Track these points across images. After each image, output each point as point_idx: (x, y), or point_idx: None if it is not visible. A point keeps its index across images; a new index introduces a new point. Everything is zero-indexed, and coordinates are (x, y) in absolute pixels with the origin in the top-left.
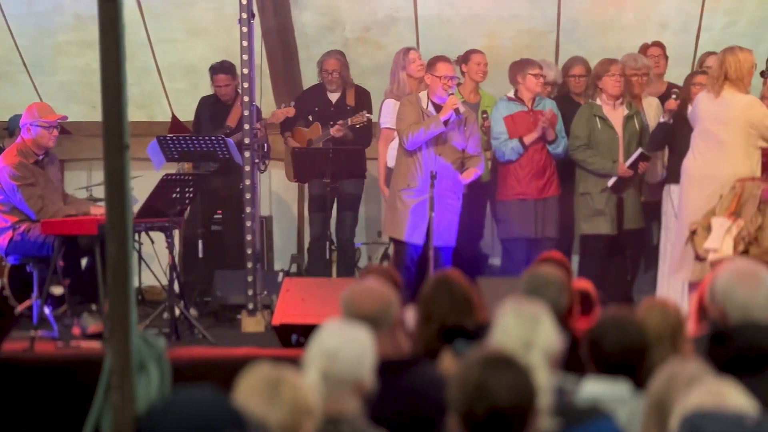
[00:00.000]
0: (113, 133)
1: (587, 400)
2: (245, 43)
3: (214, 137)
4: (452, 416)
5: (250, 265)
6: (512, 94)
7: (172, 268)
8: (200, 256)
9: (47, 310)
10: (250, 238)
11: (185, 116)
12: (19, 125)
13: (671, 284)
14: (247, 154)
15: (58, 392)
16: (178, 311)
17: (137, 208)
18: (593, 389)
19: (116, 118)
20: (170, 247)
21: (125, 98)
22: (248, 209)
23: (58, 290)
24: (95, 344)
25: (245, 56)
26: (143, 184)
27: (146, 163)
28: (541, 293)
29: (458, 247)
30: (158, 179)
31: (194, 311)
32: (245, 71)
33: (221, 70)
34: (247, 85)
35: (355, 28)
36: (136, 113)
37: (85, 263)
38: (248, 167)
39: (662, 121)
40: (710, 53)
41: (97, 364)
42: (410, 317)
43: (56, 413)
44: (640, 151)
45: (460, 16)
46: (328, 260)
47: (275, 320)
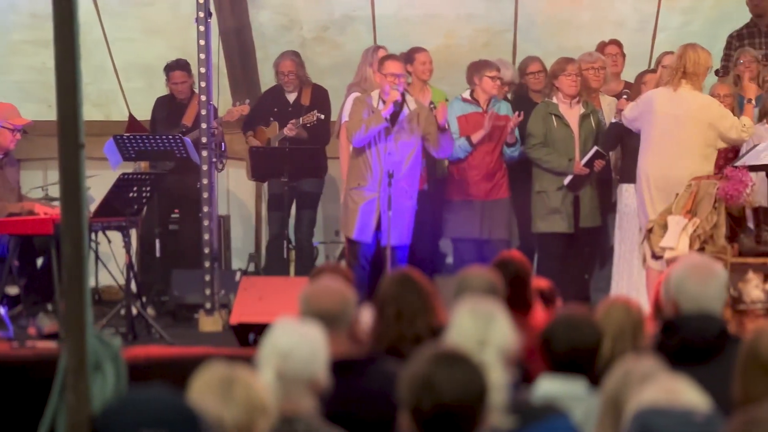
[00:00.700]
0: (68, 132)
1: (543, 398)
2: (202, 42)
3: (171, 136)
4: (402, 412)
5: (207, 264)
6: (467, 94)
7: (129, 267)
8: (157, 255)
9: (2, 310)
10: (207, 237)
11: (142, 115)
12: None
13: (624, 282)
14: (204, 153)
15: (13, 392)
16: (135, 311)
17: (94, 207)
18: (549, 387)
19: (71, 117)
20: (127, 246)
21: (80, 97)
22: (205, 208)
23: (13, 290)
24: (51, 344)
25: (202, 55)
26: (100, 183)
27: (103, 162)
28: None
29: (417, 245)
30: (115, 179)
31: (151, 311)
32: (202, 70)
33: (177, 67)
34: (204, 84)
35: (312, 27)
36: (92, 112)
37: (40, 263)
38: (205, 166)
39: (614, 120)
40: (667, 53)
41: (52, 364)
42: (367, 316)
43: (11, 413)
44: (595, 149)
45: (417, 15)
46: (285, 259)
47: (233, 319)
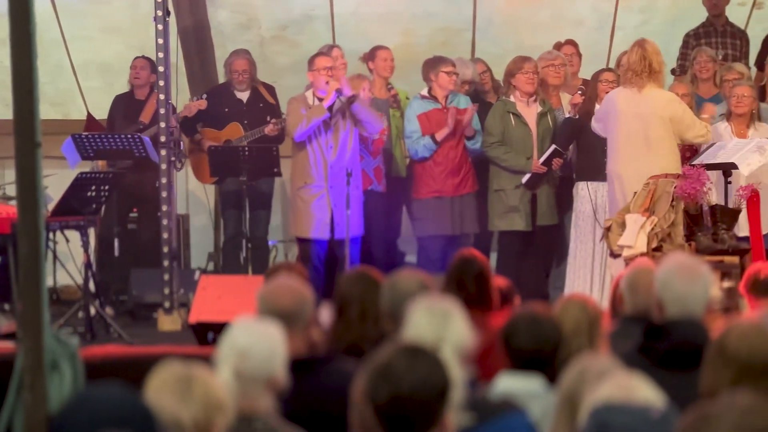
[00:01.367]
0: (25, 131)
1: (500, 395)
2: (161, 40)
3: (130, 135)
4: (357, 405)
5: (166, 263)
6: (426, 92)
7: (87, 266)
8: (116, 254)
9: None
10: (166, 236)
11: (101, 114)
12: None
13: (580, 280)
14: (163, 152)
15: None
16: (93, 310)
17: (52, 206)
18: (507, 384)
19: (28, 116)
20: (85, 245)
21: (37, 96)
22: (164, 207)
23: None
24: (8, 344)
25: (161, 54)
26: (58, 182)
27: (61, 161)
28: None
29: (375, 245)
30: (73, 178)
31: (110, 310)
32: (161, 69)
33: (142, 57)
34: (162, 83)
35: (271, 26)
36: (50, 111)
37: None
38: (164, 165)
39: (568, 116)
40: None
41: (9, 363)
42: (325, 314)
43: None
44: (553, 147)
45: (376, 13)
46: (243, 258)
47: (192, 318)
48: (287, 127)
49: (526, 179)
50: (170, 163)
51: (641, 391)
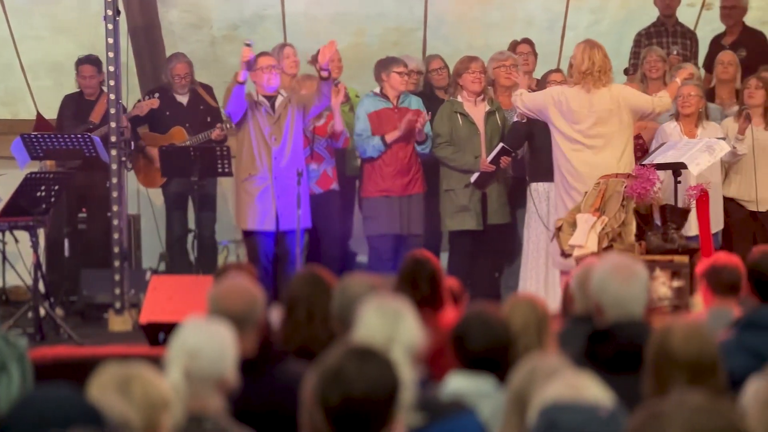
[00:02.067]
0: None
1: (451, 395)
2: (111, 40)
3: (80, 135)
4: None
5: (117, 263)
6: (378, 91)
7: (36, 267)
8: (66, 255)
9: None
10: (117, 236)
11: (50, 114)
12: None
13: (533, 280)
14: (113, 152)
15: None
16: (43, 311)
17: (1, 206)
18: (457, 384)
19: None
20: (35, 246)
21: None
22: (115, 207)
23: None
24: None
25: (111, 54)
26: (7, 182)
27: (10, 161)
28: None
29: (328, 245)
30: (23, 178)
31: (60, 311)
32: (111, 69)
33: (87, 62)
34: (113, 82)
35: (222, 26)
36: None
37: None
38: (115, 165)
39: (516, 119)
40: None
41: None
42: (276, 314)
43: None
44: (501, 146)
45: (327, 13)
46: (196, 258)
47: (142, 319)
48: (224, 108)
49: (474, 178)
50: (121, 163)
51: (590, 390)
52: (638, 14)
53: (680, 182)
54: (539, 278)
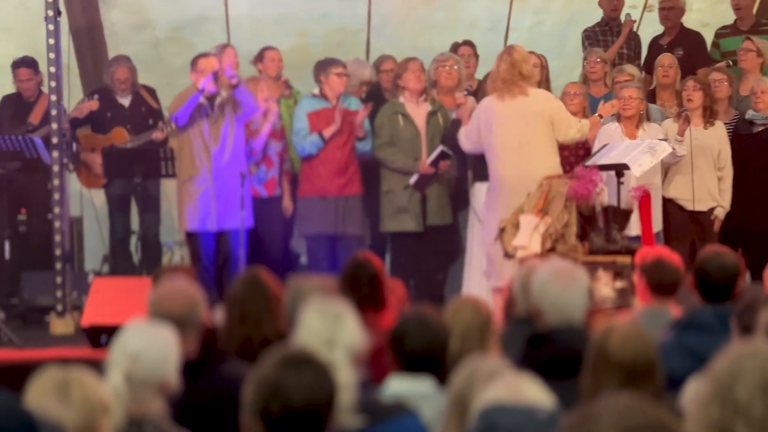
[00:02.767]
0: None
1: (392, 397)
2: (52, 41)
3: (21, 136)
4: (247, 414)
5: (59, 266)
6: (317, 92)
7: None
8: (7, 257)
9: None
10: (58, 238)
11: None
12: None
13: (476, 281)
14: (55, 153)
15: None
16: None
17: None
18: (398, 386)
19: None
20: None
21: None
22: (56, 209)
23: None
24: None
25: (52, 54)
26: None
27: None
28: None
29: (271, 245)
30: None
31: (1, 314)
32: (52, 69)
33: (22, 64)
34: (54, 83)
35: (165, 27)
36: None
37: None
38: (57, 167)
39: (455, 117)
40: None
41: None
42: (219, 316)
43: None
44: (440, 148)
45: (271, 15)
46: (140, 260)
47: (84, 321)
48: (169, 108)
49: (413, 180)
50: (63, 164)
51: (530, 392)
52: (581, 15)
53: (623, 183)
54: (482, 279)
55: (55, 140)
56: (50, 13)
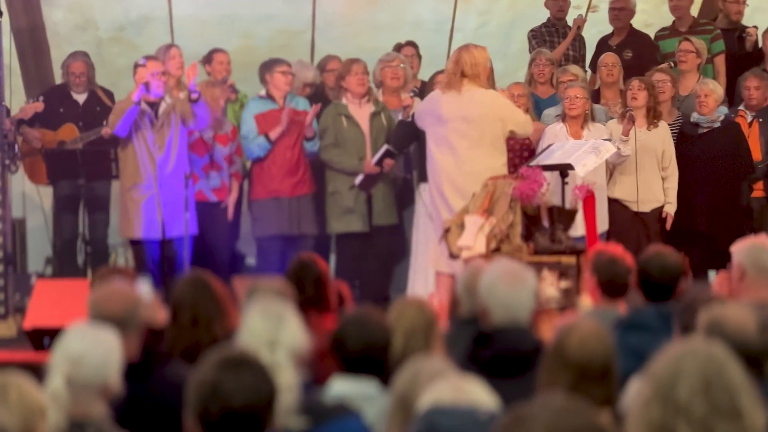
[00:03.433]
0: None
1: (335, 398)
2: None
3: None
4: (188, 416)
5: (1, 268)
6: (263, 93)
7: None
8: None
9: None
10: (0, 240)
11: None
12: None
13: (421, 281)
14: None
15: None
16: None
17: None
18: (341, 387)
19: None
20: None
21: None
22: None
23: None
24: None
25: None
26: None
27: None
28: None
29: (214, 247)
30: None
31: None
32: None
33: None
34: None
35: (108, 27)
36: None
37: None
38: None
39: (401, 119)
40: None
41: None
42: (161, 317)
43: None
44: (385, 148)
45: (215, 16)
46: (81, 262)
47: (27, 324)
48: (109, 124)
49: (359, 180)
50: (5, 165)
51: (472, 393)
52: (526, 16)
53: (567, 183)
54: (427, 279)
55: None
56: None
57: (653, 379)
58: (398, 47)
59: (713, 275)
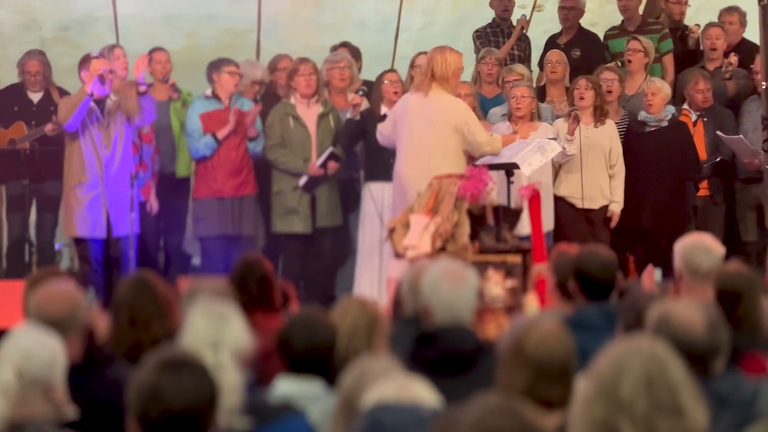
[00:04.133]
0: None
1: (279, 398)
2: None
3: None
4: (129, 418)
5: None
6: (209, 92)
7: None
8: None
9: None
10: None
11: None
12: None
13: (367, 282)
14: None
15: None
16: None
17: None
18: (286, 388)
19: None
20: None
21: None
22: None
23: None
24: None
25: None
26: None
27: None
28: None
29: (158, 246)
30: None
31: None
32: None
33: None
34: None
35: (52, 27)
36: None
37: None
38: None
39: (348, 117)
40: (422, 53)
41: None
42: (103, 318)
43: None
44: (330, 150)
45: (159, 15)
46: (27, 263)
47: None
48: (59, 118)
49: (302, 182)
50: None
51: (416, 391)
52: (471, 15)
53: (513, 182)
54: (373, 279)
55: None
56: None
57: (596, 377)
58: (334, 48)
59: (658, 274)
